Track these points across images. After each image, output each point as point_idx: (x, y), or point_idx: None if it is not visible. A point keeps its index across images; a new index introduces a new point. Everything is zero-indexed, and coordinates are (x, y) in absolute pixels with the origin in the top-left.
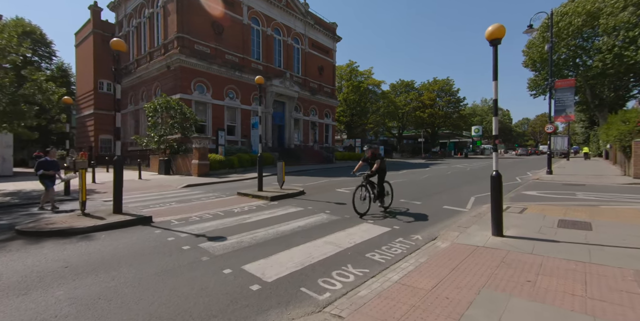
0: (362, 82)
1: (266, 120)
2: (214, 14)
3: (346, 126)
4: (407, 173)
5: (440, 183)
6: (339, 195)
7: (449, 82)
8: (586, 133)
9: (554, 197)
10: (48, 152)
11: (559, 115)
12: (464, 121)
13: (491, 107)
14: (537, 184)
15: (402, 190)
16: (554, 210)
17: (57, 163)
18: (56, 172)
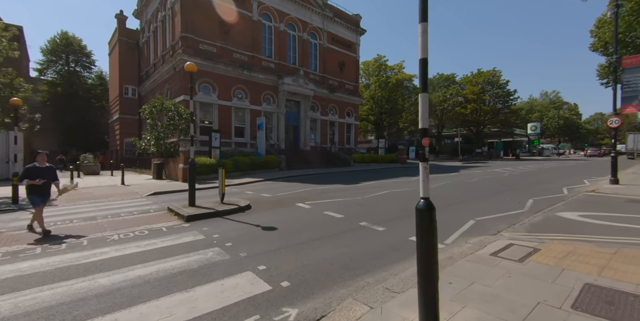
0: (390, 78)
1: (278, 120)
2: (221, 12)
3: (375, 125)
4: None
5: (447, 197)
6: (290, 212)
7: (496, 73)
8: None
9: (603, 224)
10: (37, 155)
11: (628, 104)
12: (515, 117)
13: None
14: (588, 199)
15: (378, 207)
16: (586, 258)
17: (49, 170)
18: (46, 180)
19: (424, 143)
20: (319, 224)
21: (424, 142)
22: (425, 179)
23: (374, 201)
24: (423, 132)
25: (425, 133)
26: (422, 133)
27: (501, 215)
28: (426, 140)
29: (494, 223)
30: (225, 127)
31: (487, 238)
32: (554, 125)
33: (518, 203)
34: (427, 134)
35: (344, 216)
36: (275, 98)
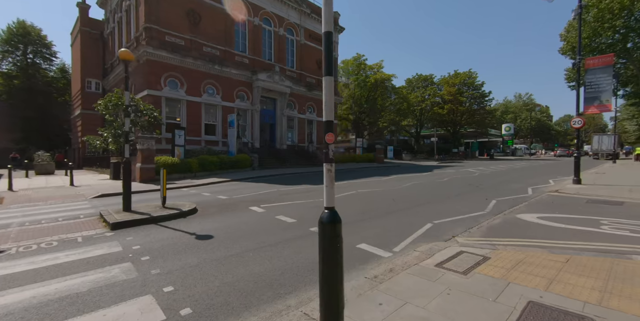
0: (369, 77)
1: (253, 118)
2: (190, 3)
3: (354, 125)
4: (390, 180)
5: (412, 197)
6: (238, 217)
7: (472, 74)
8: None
9: (560, 227)
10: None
11: (590, 105)
12: (490, 118)
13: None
14: (550, 200)
15: (339, 209)
16: (536, 268)
17: None
18: None
19: (328, 140)
20: (265, 231)
21: (327, 139)
22: (330, 184)
23: (337, 203)
24: (327, 126)
25: (330, 128)
26: (326, 127)
27: (461, 217)
28: (330, 137)
29: (452, 226)
30: (194, 124)
31: (438, 245)
32: (526, 126)
33: (481, 204)
34: (332, 128)
35: (296, 221)
36: (250, 95)
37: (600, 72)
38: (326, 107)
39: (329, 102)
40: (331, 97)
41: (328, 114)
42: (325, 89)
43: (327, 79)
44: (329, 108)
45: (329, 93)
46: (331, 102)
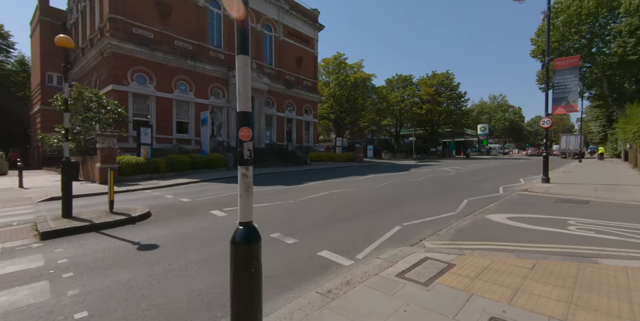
0: (349, 76)
1: (229, 116)
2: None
3: (335, 124)
4: (366, 180)
5: (384, 198)
6: (195, 223)
7: (449, 75)
8: (603, 132)
9: (528, 228)
10: None
11: (558, 105)
12: (466, 118)
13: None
14: (520, 199)
15: (305, 212)
16: (501, 276)
17: None
18: None
19: (243, 136)
20: (221, 238)
21: (242, 135)
22: (245, 193)
23: (306, 204)
24: (242, 119)
25: (246, 120)
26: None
27: (431, 218)
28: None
29: (421, 228)
30: (165, 121)
31: (403, 251)
32: (500, 127)
33: (453, 204)
34: (247, 122)
35: (257, 225)
36: (225, 91)
37: (567, 73)
38: (241, 94)
39: (244, 87)
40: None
41: (243, 103)
42: (240, 71)
43: (241, 59)
44: (245, 95)
45: (244, 76)
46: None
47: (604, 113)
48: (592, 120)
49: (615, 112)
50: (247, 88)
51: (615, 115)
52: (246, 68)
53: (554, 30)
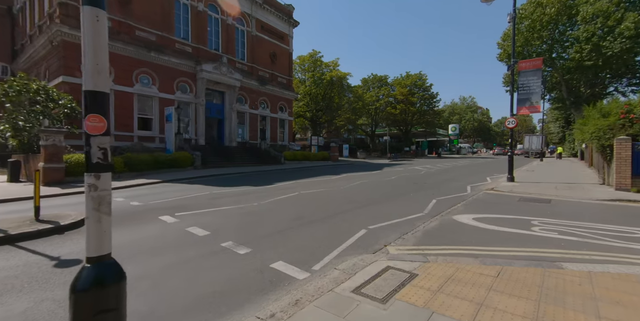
0: (325, 74)
1: (197, 112)
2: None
3: (311, 122)
4: (339, 180)
5: (354, 199)
6: (137, 231)
7: (422, 76)
8: (562, 133)
9: (494, 230)
10: None
11: (522, 106)
12: (438, 118)
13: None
14: (486, 198)
15: (267, 216)
16: (465, 288)
17: None
18: None
19: (91, 129)
20: (160, 250)
21: (89, 126)
22: (95, 215)
23: (271, 207)
24: (89, 100)
25: (96, 103)
26: (90, 103)
27: (398, 220)
28: (96, 122)
29: (387, 232)
30: (125, 117)
31: (364, 259)
32: (470, 127)
33: (421, 204)
34: (98, 106)
35: (210, 233)
36: (193, 86)
37: (531, 75)
38: (88, 64)
39: (94, 55)
40: (98, 45)
41: (92, 78)
42: (87, 29)
43: (87, 12)
44: (94, 68)
45: (93, 36)
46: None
47: (563, 115)
48: (552, 121)
49: (572, 114)
50: (101, 57)
51: (572, 117)
52: (97, 26)
53: (519, 35)
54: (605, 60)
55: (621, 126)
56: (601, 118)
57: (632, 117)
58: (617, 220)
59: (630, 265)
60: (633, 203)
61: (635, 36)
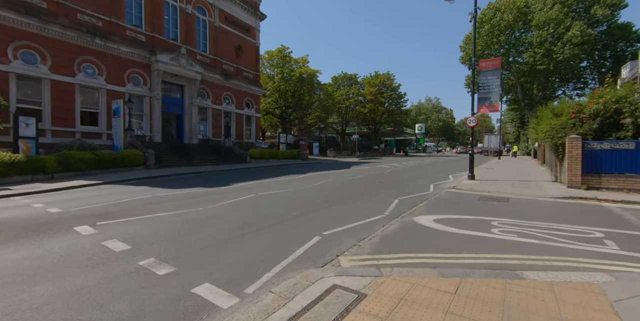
0: (294, 71)
1: (152, 106)
2: None
3: (280, 120)
4: (303, 179)
5: (314, 200)
6: (40, 247)
7: (390, 76)
8: (517, 133)
9: (454, 233)
10: None
11: (482, 104)
12: (406, 118)
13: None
14: (448, 197)
15: (210, 224)
16: (419, 310)
17: None
18: None
19: None
20: (60, 271)
21: None
22: None
23: (218, 213)
24: None
25: None
26: None
27: (357, 224)
28: None
29: (342, 238)
30: (63, 111)
31: (309, 276)
32: (435, 127)
33: (383, 205)
34: None
35: (130, 247)
36: (147, 78)
37: (490, 74)
38: None
39: None
40: None
41: None
42: None
43: None
44: None
45: None
46: None
47: (518, 116)
48: (509, 121)
49: (526, 115)
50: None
51: (526, 118)
52: None
53: (479, 38)
54: (555, 65)
55: (572, 125)
56: (554, 117)
57: (582, 116)
58: (571, 218)
59: (590, 271)
60: (584, 200)
61: (581, 43)
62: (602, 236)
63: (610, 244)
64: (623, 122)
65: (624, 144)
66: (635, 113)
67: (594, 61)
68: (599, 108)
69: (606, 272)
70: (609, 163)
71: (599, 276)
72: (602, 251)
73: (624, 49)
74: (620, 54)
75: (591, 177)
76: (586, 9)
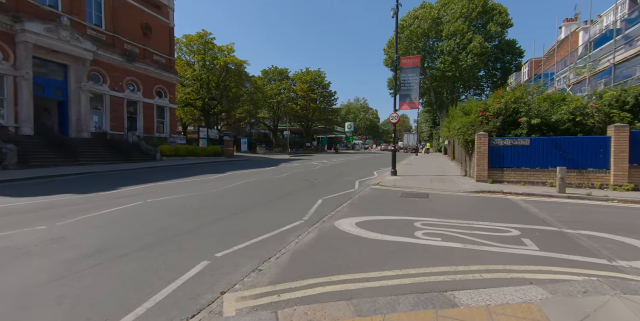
0: (217, 59)
1: (18, 89)
2: None
3: (203, 113)
4: (219, 179)
5: (223, 206)
6: None
7: (321, 74)
8: (430, 132)
9: (377, 240)
10: None
11: (403, 101)
12: (336, 116)
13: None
14: (372, 195)
15: (51, 247)
16: None
17: None
18: None
19: None
20: None
21: None
22: None
23: (64, 233)
24: None
25: None
26: None
27: (265, 237)
28: None
29: (240, 260)
30: None
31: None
32: (363, 125)
33: (304, 207)
34: None
35: None
36: (10, 53)
37: (410, 72)
38: None
39: None
40: None
41: None
42: None
43: None
44: None
45: None
46: None
47: (431, 117)
48: (424, 122)
49: (438, 116)
50: None
51: (438, 118)
52: None
53: (400, 43)
54: (460, 72)
55: (480, 123)
56: (464, 116)
57: (487, 114)
58: (487, 215)
59: (522, 284)
60: (493, 194)
61: (480, 54)
62: (519, 234)
63: (529, 243)
64: (520, 121)
65: (521, 140)
66: (529, 113)
67: (489, 71)
68: (501, 107)
69: (539, 285)
70: (510, 158)
71: (533, 293)
72: (525, 253)
73: (510, 61)
74: (507, 66)
75: (495, 171)
76: (484, 25)
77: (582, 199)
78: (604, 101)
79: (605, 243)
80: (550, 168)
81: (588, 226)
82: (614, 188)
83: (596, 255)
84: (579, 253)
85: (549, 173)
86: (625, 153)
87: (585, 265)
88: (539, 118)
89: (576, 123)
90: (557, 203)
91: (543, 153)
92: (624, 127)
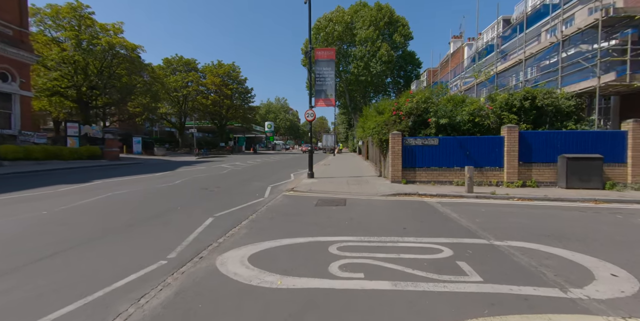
0: (98, 39)
1: None
2: None
3: (79, 104)
4: (68, 193)
5: (34, 244)
6: None
7: (236, 68)
8: (346, 133)
9: (272, 290)
10: None
11: (319, 98)
12: (254, 114)
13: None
14: (283, 204)
15: None
16: None
17: None
18: None
19: None
20: None
21: None
22: None
23: None
24: None
25: None
26: None
27: (76, 307)
28: None
29: None
30: None
31: None
32: (283, 126)
33: (181, 233)
34: None
35: None
36: None
37: (325, 65)
38: None
39: None
40: None
41: None
42: None
43: None
44: None
45: None
46: None
47: (347, 119)
48: (340, 124)
49: (352, 118)
50: None
51: (352, 120)
52: None
53: (316, 44)
54: (371, 77)
55: (393, 122)
56: (378, 115)
57: (400, 114)
58: (410, 226)
59: None
60: (409, 196)
61: (387, 62)
62: (452, 254)
63: (468, 270)
64: (429, 121)
65: (431, 140)
66: (437, 113)
67: (394, 78)
68: (413, 107)
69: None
70: (421, 158)
71: None
72: (470, 290)
73: (411, 71)
74: (409, 75)
75: (408, 171)
76: (390, 35)
77: (488, 198)
78: (497, 103)
79: (541, 260)
80: (456, 167)
81: (511, 234)
82: (507, 185)
83: (545, 283)
84: (525, 280)
85: (455, 172)
86: (516, 152)
87: (541, 302)
88: (446, 118)
89: (475, 124)
90: (471, 205)
91: (450, 153)
92: (514, 127)
